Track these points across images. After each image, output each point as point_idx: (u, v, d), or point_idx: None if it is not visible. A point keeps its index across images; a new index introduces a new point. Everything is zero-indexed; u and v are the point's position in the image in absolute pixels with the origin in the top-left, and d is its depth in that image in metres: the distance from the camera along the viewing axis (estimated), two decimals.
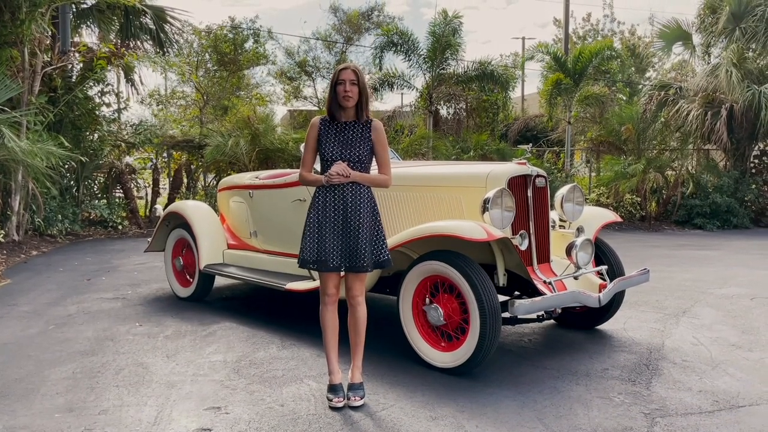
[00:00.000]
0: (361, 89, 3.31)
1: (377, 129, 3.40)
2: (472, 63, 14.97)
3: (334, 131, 3.37)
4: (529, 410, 3.28)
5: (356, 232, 3.26)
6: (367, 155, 3.36)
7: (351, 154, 3.32)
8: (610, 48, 14.93)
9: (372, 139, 3.37)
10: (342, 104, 3.31)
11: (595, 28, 29.31)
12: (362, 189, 3.32)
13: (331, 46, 19.96)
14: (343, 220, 3.28)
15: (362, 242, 3.25)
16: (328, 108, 3.39)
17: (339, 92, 3.29)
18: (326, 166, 3.33)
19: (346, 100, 3.28)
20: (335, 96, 3.32)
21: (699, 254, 9.41)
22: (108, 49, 10.50)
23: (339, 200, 3.29)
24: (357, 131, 3.37)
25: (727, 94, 13.49)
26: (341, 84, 3.28)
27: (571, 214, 4.64)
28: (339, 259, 3.27)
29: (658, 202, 14.13)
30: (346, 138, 3.35)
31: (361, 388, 3.39)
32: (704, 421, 3.15)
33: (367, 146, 3.36)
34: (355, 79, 3.28)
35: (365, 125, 3.38)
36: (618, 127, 14.07)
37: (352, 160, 3.32)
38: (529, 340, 4.64)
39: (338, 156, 3.31)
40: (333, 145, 3.34)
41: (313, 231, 3.30)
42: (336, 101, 3.32)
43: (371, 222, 3.33)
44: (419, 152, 13.60)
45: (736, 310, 5.56)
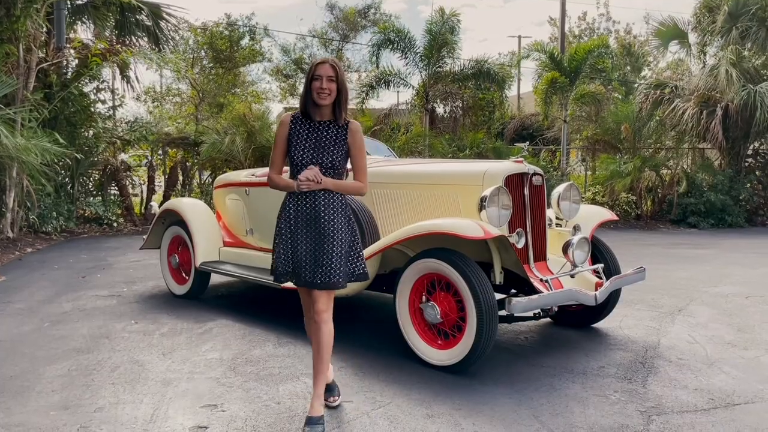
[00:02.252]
0: (340, 86, 3.00)
1: (354, 131, 3.08)
2: (469, 61, 14.98)
3: (306, 131, 3.06)
4: (526, 408, 3.28)
5: (329, 244, 2.96)
6: (341, 160, 3.04)
7: (324, 158, 3.01)
8: (604, 46, 14.95)
9: (348, 142, 3.05)
10: (317, 102, 3.00)
11: (590, 26, 29.35)
12: (335, 197, 3.03)
13: (328, 43, 19.94)
14: (316, 231, 2.99)
15: (335, 255, 2.96)
16: (302, 105, 3.07)
17: (314, 88, 2.98)
18: (295, 170, 3.03)
19: (321, 97, 2.97)
20: (310, 92, 3.00)
21: (694, 253, 9.44)
22: (103, 45, 10.45)
23: (310, 208, 2.99)
24: (332, 133, 3.05)
25: (723, 93, 13.53)
26: (317, 80, 2.97)
27: (567, 212, 4.64)
28: (310, 272, 2.97)
29: (654, 201, 14.17)
30: (319, 139, 3.04)
31: (321, 423, 2.96)
32: (700, 419, 3.16)
33: (342, 150, 3.04)
34: (333, 75, 2.98)
35: (342, 127, 3.07)
36: (613, 125, 14.11)
37: (324, 164, 3.00)
38: (526, 338, 4.65)
39: (309, 159, 3.00)
40: (304, 147, 3.03)
41: (286, 241, 3.03)
42: (311, 98, 3.01)
43: (346, 232, 3.03)
44: (415, 150, 13.60)
45: (731, 309, 5.58)
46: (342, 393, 3.47)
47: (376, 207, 4.78)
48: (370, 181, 4.91)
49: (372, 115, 15.20)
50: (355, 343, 4.43)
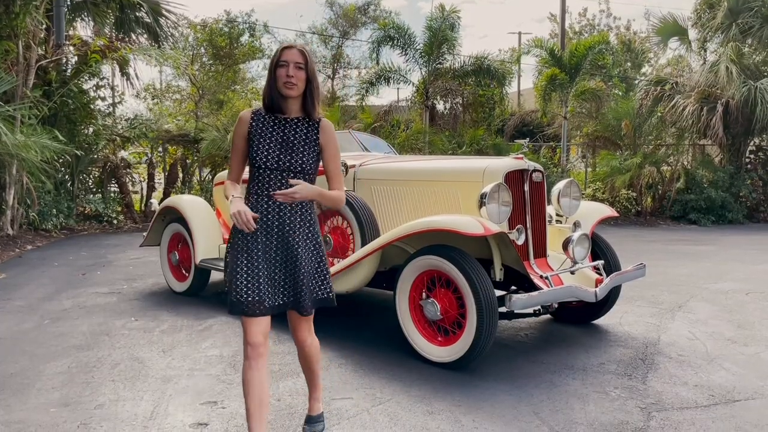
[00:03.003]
0: (310, 76, 2.57)
1: (327, 131, 2.65)
2: (469, 58, 14.97)
3: (270, 128, 2.60)
4: (526, 405, 3.28)
5: (299, 262, 2.56)
6: (313, 163, 2.59)
7: (292, 160, 2.55)
8: (605, 42, 14.93)
9: (320, 143, 2.62)
10: (283, 93, 2.55)
11: (591, 23, 29.34)
12: (304, 208, 2.59)
13: (328, 40, 19.91)
14: (283, 247, 2.55)
15: (304, 274, 2.57)
16: (266, 98, 2.63)
17: (280, 77, 2.54)
18: (258, 175, 2.56)
19: (288, 87, 2.53)
20: (275, 82, 2.56)
21: (694, 249, 9.44)
22: (102, 42, 10.44)
23: (275, 221, 2.54)
24: (301, 131, 2.61)
25: (723, 89, 13.51)
26: (283, 66, 2.54)
27: (567, 209, 4.64)
28: (279, 296, 2.56)
29: (654, 198, 14.17)
30: (286, 138, 2.58)
31: (320, 421, 2.90)
32: (700, 416, 3.16)
33: (314, 151, 2.59)
34: (302, 62, 2.54)
35: (313, 124, 2.63)
36: (614, 122, 14.09)
37: (293, 167, 2.54)
38: (526, 335, 4.65)
39: (274, 162, 2.53)
40: (268, 147, 2.56)
41: (241, 263, 2.52)
42: (276, 89, 2.57)
43: (313, 248, 2.62)
44: (416, 147, 13.59)
45: (731, 305, 5.57)
46: (342, 390, 3.47)
47: (376, 204, 4.77)
48: (370, 178, 4.96)
49: (372, 112, 15.18)
50: (355, 340, 4.43)
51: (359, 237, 4.47)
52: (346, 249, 4.65)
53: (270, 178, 2.55)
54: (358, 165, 4.95)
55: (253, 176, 2.58)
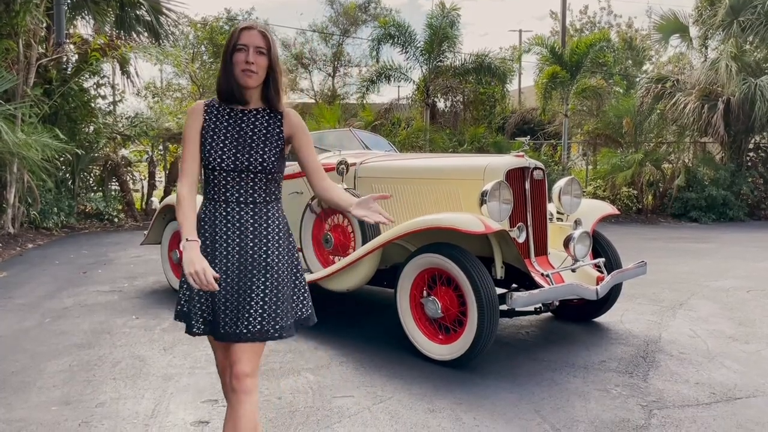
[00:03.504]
0: (272, 63, 2.20)
1: (293, 120, 2.27)
2: (470, 55, 14.97)
3: (226, 122, 2.23)
4: (527, 402, 3.28)
5: (260, 278, 2.15)
6: (275, 161, 2.19)
7: (251, 159, 2.17)
8: (606, 40, 14.91)
9: (286, 136, 2.24)
10: (240, 81, 2.18)
11: (592, 20, 29.30)
12: (271, 209, 2.23)
13: (328, 38, 19.90)
14: (241, 259, 2.16)
15: (270, 291, 2.15)
16: (221, 87, 2.23)
17: (237, 62, 2.17)
18: (213, 179, 2.19)
19: (246, 75, 2.16)
20: (231, 69, 2.18)
21: (695, 247, 9.43)
22: (103, 41, 10.43)
23: (234, 227, 2.17)
24: (261, 124, 2.24)
25: (724, 87, 13.49)
26: (242, 50, 2.16)
27: (568, 206, 4.64)
28: (231, 319, 2.15)
29: (655, 195, 14.16)
30: (243, 134, 2.21)
31: None
32: (701, 413, 3.15)
33: (276, 147, 2.20)
34: (263, 47, 2.17)
35: (275, 116, 2.26)
36: (615, 119, 14.08)
37: (252, 167, 2.17)
38: (527, 333, 4.65)
39: (231, 162, 2.16)
40: (222, 145, 2.18)
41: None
42: (232, 77, 2.19)
43: (286, 260, 2.23)
44: (416, 145, 13.59)
45: (732, 303, 5.57)
46: (343, 388, 3.47)
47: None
48: (371, 176, 4.95)
49: (373, 110, 15.17)
50: (356, 338, 4.43)
51: (360, 235, 4.47)
52: (346, 247, 4.65)
53: (227, 181, 2.17)
54: (358, 163, 4.95)
55: (208, 179, 2.22)
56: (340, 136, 5.99)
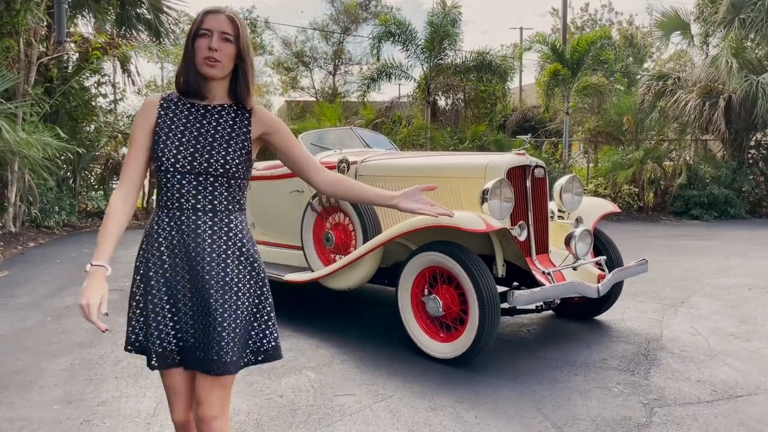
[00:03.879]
0: (241, 52, 1.91)
1: (265, 120, 1.98)
2: (471, 53, 14.94)
3: (183, 119, 1.93)
4: (528, 400, 3.28)
5: (218, 299, 1.86)
6: (240, 163, 1.90)
7: (211, 161, 1.87)
8: (607, 37, 14.89)
9: (252, 136, 1.94)
10: (202, 71, 1.88)
11: (593, 18, 29.27)
12: (233, 219, 1.92)
13: (329, 36, 19.89)
14: (198, 276, 1.87)
15: (231, 319, 1.87)
16: (181, 78, 1.94)
17: (199, 50, 1.87)
18: (166, 182, 1.88)
19: (209, 64, 1.87)
20: (193, 56, 1.89)
21: (697, 245, 9.43)
22: (103, 39, 10.44)
23: (189, 238, 1.87)
24: (225, 121, 1.94)
25: (725, 84, 13.47)
26: (205, 36, 1.87)
27: (569, 204, 4.63)
28: (202, 349, 1.88)
29: (656, 193, 14.14)
30: (203, 132, 1.91)
31: None
32: (702, 411, 3.15)
33: (242, 149, 1.91)
34: (231, 33, 1.88)
35: (241, 112, 1.96)
36: (616, 117, 14.07)
37: (212, 171, 1.87)
38: (528, 331, 4.65)
39: (187, 162, 1.86)
40: (179, 144, 1.88)
41: (141, 296, 1.93)
42: (194, 66, 1.89)
43: (248, 280, 1.94)
44: (417, 143, 13.58)
45: (733, 300, 5.57)
46: (344, 386, 3.48)
47: None
48: (372, 174, 4.94)
49: (373, 108, 15.17)
50: (357, 336, 4.43)
51: (361, 233, 4.47)
52: (348, 245, 4.65)
53: (182, 185, 1.86)
54: (359, 161, 4.95)
55: (161, 184, 1.90)
56: (341, 135, 5.98)
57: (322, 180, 2.06)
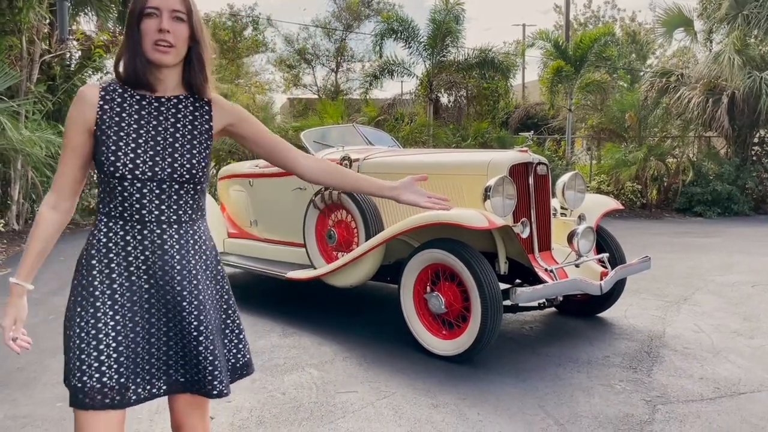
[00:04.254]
0: (195, 33, 1.65)
1: (227, 110, 1.77)
2: (473, 50, 14.92)
3: (136, 114, 1.65)
4: (531, 398, 3.28)
5: (192, 321, 1.66)
6: (205, 166, 1.69)
7: (176, 165, 1.63)
8: (610, 34, 14.86)
9: (214, 132, 1.73)
10: (152, 57, 1.61)
11: (596, 14, 29.22)
12: (198, 229, 1.72)
13: (331, 33, 19.87)
14: (168, 301, 1.66)
15: (210, 340, 1.69)
16: (127, 64, 1.64)
17: (146, 32, 1.60)
18: (120, 191, 1.60)
19: (160, 49, 1.60)
20: (139, 40, 1.61)
21: (700, 242, 9.41)
22: (106, 37, 10.44)
23: (154, 255, 1.64)
24: (186, 117, 1.70)
25: (728, 80, 13.43)
26: (152, 16, 1.60)
27: (572, 201, 4.63)
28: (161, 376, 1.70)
29: (659, 190, 14.12)
30: (163, 129, 1.66)
31: None
32: (705, 408, 3.15)
33: (207, 148, 1.70)
34: (182, 11, 1.63)
35: (199, 104, 1.73)
36: (619, 114, 14.04)
37: (177, 177, 1.63)
38: (531, 328, 4.64)
39: (148, 168, 1.60)
40: (135, 146, 1.61)
41: (87, 325, 1.68)
42: (141, 52, 1.61)
43: (215, 295, 1.77)
44: (420, 140, 13.57)
45: (737, 298, 5.56)
46: (347, 383, 3.48)
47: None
48: (374, 171, 4.93)
49: (376, 106, 15.16)
50: (359, 333, 4.43)
51: (363, 231, 4.47)
52: (350, 243, 4.65)
53: (142, 194, 1.60)
54: (362, 159, 4.94)
55: (111, 192, 1.62)
56: (343, 132, 5.98)
57: (308, 167, 1.89)
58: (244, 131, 1.81)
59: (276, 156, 1.86)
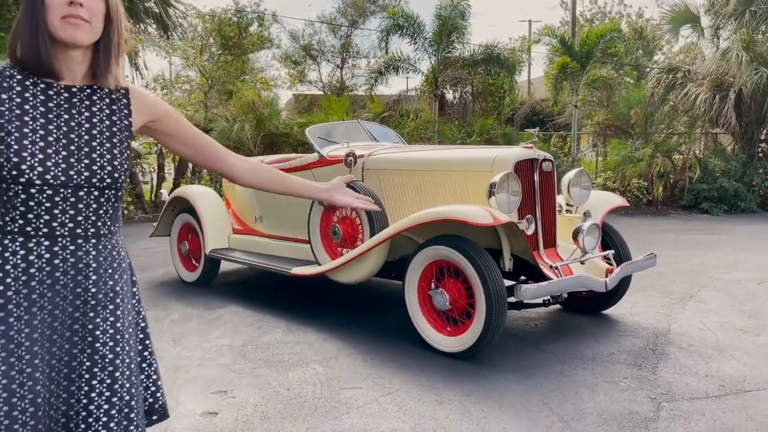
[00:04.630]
0: (110, 8, 1.40)
1: (148, 103, 1.54)
2: (479, 46, 14.88)
3: (41, 106, 1.38)
4: (535, 394, 3.28)
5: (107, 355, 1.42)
6: (126, 170, 1.45)
7: (95, 168, 1.39)
8: (616, 30, 14.80)
9: (133, 127, 1.49)
10: (60, 36, 1.34)
11: (602, 10, 29.08)
12: (116, 244, 1.50)
13: (336, 29, 19.84)
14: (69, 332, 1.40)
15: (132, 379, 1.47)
16: (24, 47, 1.36)
17: (53, 5, 1.33)
18: (24, 200, 1.34)
19: (71, 23, 1.33)
20: (43, 14, 1.34)
21: (706, 239, 9.37)
22: None
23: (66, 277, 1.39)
24: (102, 111, 1.44)
25: (736, 77, 13.36)
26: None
27: (578, 198, 4.61)
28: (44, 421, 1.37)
29: (665, 187, 14.06)
30: (77, 126, 1.40)
31: None
32: (710, 406, 3.14)
33: (128, 148, 1.47)
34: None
35: (115, 97, 1.47)
36: (625, 110, 13.99)
37: (97, 182, 1.39)
38: (535, 325, 4.64)
39: (61, 172, 1.35)
40: (44, 144, 1.35)
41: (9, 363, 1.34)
42: (44, 28, 1.34)
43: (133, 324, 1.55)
44: (425, 137, 13.55)
45: (743, 295, 5.53)
46: (351, 379, 3.48)
47: (384, 194, 4.76)
48: (379, 168, 4.94)
49: (381, 102, 15.14)
50: (364, 329, 4.44)
51: (368, 227, 4.47)
52: (355, 239, 4.65)
53: (53, 204, 1.35)
54: (366, 155, 4.94)
55: (10, 202, 1.34)
56: (348, 128, 5.98)
57: (241, 169, 1.71)
58: (168, 128, 1.59)
59: (206, 156, 1.68)
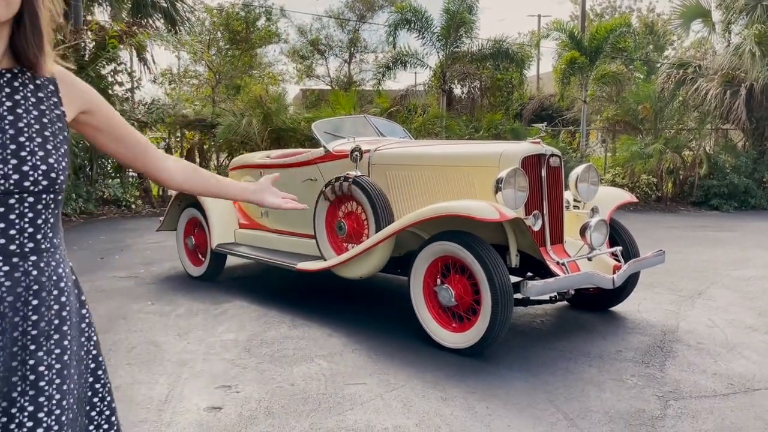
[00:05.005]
0: None
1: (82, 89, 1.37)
2: (487, 41, 14.78)
3: None
4: (541, 392, 3.25)
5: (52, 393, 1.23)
6: (64, 168, 1.24)
7: (25, 168, 1.17)
8: (626, 25, 14.67)
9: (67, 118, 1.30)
10: None
11: (612, 5, 28.88)
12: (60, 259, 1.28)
13: (344, 24, 19.80)
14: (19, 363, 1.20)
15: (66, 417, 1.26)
16: None
17: None
18: None
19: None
20: None
21: (715, 235, 9.30)
22: (120, 27, 10.47)
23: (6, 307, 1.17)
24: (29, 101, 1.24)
25: (747, 72, 13.22)
26: None
27: (585, 194, 4.57)
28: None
29: (675, 183, 13.96)
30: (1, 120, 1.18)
31: None
32: (718, 404, 3.11)
33: (66, 141, 1.27)
34: None
35: (44, 85, 1.28)
36: (635, 106, 13.88)
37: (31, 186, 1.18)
38: (542, 322, 4.61)
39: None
40: None
41: None
42: None
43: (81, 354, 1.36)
44: (432, 132, 13.50)
45: (752, 292, 5.48)
46: (356, 375, 3.47)
47: (390, 189, 4.74)
48: (386, 163, 4.92)
49: (388, 97, 15.09)
50: (369, 325, 4.42)
51: (373, 222, 4.45)
52: (360, 234, 4.64)
53: None
54: (373, 150, 4.92)
55: None
56: (354, 123, 5.96)
57: (173, 170, 1.50)
58: (100, 123, 1.37)
59: (135, 154, 1.44)
